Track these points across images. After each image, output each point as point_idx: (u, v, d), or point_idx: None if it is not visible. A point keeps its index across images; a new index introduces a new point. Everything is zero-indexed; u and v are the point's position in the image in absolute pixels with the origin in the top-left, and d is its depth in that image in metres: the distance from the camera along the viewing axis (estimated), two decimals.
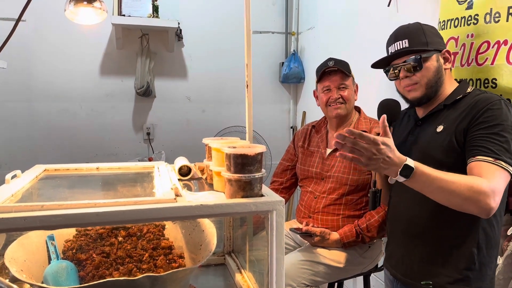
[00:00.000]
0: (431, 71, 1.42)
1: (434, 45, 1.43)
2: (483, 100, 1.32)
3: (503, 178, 1.22)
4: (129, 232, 1.34)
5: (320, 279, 1.84)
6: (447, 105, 1.41)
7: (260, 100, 3.50)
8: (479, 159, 1.24)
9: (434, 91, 1.43)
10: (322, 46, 3.14)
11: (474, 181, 1.20)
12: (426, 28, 1.46)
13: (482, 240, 1.34)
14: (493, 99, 1.31)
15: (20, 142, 3.07)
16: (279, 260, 1.01)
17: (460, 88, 1.43)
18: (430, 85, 1.42)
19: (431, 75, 1.42)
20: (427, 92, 1.43)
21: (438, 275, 1.37)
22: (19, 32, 2.76)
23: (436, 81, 1.43)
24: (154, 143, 3.37)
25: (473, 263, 1.34)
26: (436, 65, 1.42)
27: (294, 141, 2.23)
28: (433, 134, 1.40)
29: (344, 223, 1.91)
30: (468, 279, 1.34)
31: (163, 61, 3.31)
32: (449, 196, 1.21)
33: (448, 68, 1.46)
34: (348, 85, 1.97)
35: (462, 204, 1.21)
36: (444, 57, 1.45)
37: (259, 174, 1.02)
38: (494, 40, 1.47)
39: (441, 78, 1.44)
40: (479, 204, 1.18)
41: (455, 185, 1.19)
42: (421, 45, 1.42)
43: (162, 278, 1.01)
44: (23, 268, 1.08)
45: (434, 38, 1.45)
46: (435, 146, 1.38)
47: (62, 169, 1.43)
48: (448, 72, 1.47)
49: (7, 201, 0.96)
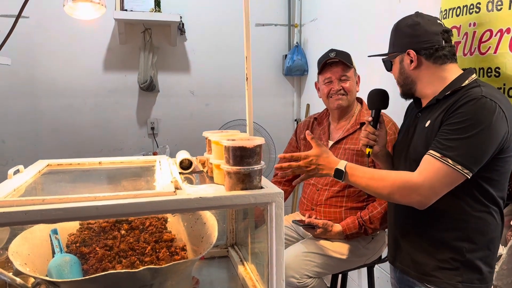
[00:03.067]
0: (396, 73, 1.51)
1: (399, 46, 1.46)
2: (465, 96, 1.28)
3: (443, 175, 1.24)
4: (132, 225, 1.35)
5: (323, 271, 1.85)
6: (439, 100, 1.39)
7: (264, 93, 3.50)
8: (429, 153, 1.28)
9: (409, 89, 1.49)
10: (325, 38, 3.13)
11: (401, 176, 1.32)
12: (402, 27, 1.46)
13: (473, 232, 1.33)
14: (473, 96, 1.26)
15: (25, 138, 3.10)
16: (279, 251, 1.02)
17: (456, 82, 1.38)
18: (400, 84, 1.51)
19: (397, 76, 1.51)
20: (404, 90, 1.51)
21: (427, 264, 1.39)
22: (22, 29, 2.81)
23: (403, 81, 1.48)
24: (158, 138, 3.38)
25: (462, 254, 1.33)
26: (399, 67, 1.48)
27: (296, 133, 2.23)
28: (423, 129, 1.40)
29: (347, 215, 1.91)
30: (457, 270, 1.34)
31: (166, 56, 3.31)
32: (376, 191, 1.36)
33: (412, 68, 1.43)
34: (350, 77, 1.96)
35: (391, 198, 1.35)
36: (410, 59, 1.43)
37: (258, 166, 1.03)
38: (497, 28, 1.45)
39: (409, 78, 1.46)
40: (406, 198, 1.30)
41: (382, 180, 1.33)
42: (390, 47, 1.52)
43: (163, 270, 1.02)
44: (27, 262, 1.10)
45: (403, 39, 1.45)
46: (422, 141, 1.38)
47: (65, 163, 1.45)
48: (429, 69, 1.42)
49: (9, 196, 0.98)
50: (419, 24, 1.42)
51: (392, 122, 1.88)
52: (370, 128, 1.55)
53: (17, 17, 1.13)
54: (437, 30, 1.40)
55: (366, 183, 1.36)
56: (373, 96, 1.59)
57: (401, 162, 1.51)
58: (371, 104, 1.59)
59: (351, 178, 1.37)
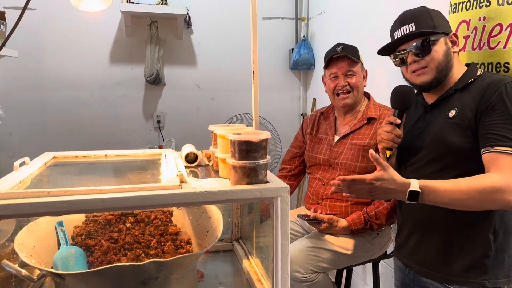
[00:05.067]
0: (441, 54, 1.38)
1: (442, 28, 1.40)
2: (496, 82, 1.28)
3: None
4: (137, 218, 1.36)
5: (327, 266, 1.84)
6: (458, 89, 1.38)
7: (270, 87, 3.48)
8: (497, 150, 1.21)
9: (444, 75, 1.40)
10: (332, 32, 3.10)
11: (484, 181, 1.20)
12: (432, 12, 1.43)
13: (498, 226, 1.31)
14: (506, 81, 1.27)
15: (32, 131, 3.11)
16: (284, 246, 1.01)
17: (470, 72, 1.40)
18: (440, 68, 1.39)
19: (441, 58, 1.38)
20: (437, 75, 1.40)
21: (454, 263, 1.36)
22: (29, 21, 2.82)
23: (446, 64, 1.40)
24: (164, 131, 3.39)
25: (490, 250, 1.31)
26: (445, 48, 1.39)
27: (303, 128, 2.22)
28: (446, 119, 1.37)
29: (353, 209, 1.90)
30: (484, 267, 1.32)
31: (172, 49, 3.31)
32: (463, 204, 1.23)
33: (456, 51, 1.43)
34: (356, 72, 1.95)
35: (480, 207, 1.23)
36: (452, 40, 1.42)
37: (264, 160, 1.02)
38: (507, 23, 1.43)
39: (451, 62, 1.41)
40: (497, 202, 1.19)
41: (466, 192, 1.20)
42: (428, 28, 1.39)
43: (168, 263, 1.02)
44: (33, 254, 1.11)
45: (440, 21, 1.42)
46: (449, 131, 1.35)
47: (71, 156, 1.45)
48: (456, 56, 1.44)
49: (15, 188, 0.98)
50: (440, 12, 1.43)
51: None
52: (397, 131, 1.42)
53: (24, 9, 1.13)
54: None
55: (449, 198, 1.22)
56: (397, 95, 1.46)
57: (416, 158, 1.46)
58: (400, 104, 1.44)
59: (428, 197, 1.23)
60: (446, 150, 1.34)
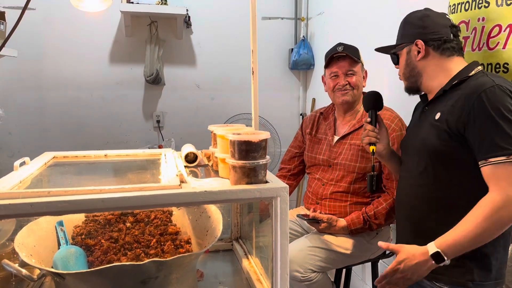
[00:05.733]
0: (402, 65, 1.50)
1: (408, 37, 1.46)
2: (477, 85, 1.26)
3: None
4: (137, 218, 1.36)
5: (327, 265, 1.85)
6: (446, 91, 1.38)
7: (269, 87, 3.48)
8: (492, 162, 1.20)
9: (414, 81, 1.48)
10: (332, 32, 3.10)
11: (485, 207, 1.19)
12: (411, 19, 1.47)
13: None
14: (486, 86, 1.24)
15: (31, 130, 3.11)
16: (283, 246, 1.02)
17: (463, 72, 1.38)
18: (406, 76, 1.50)
19: (403, 68, 1.50)
20: (409, 83, 1.50)
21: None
22: (29, 21, 2.81)
23: (409, 73, 1.48)
24: (164, 131, 3.39)
25: (475, 252, 1.29)
26: (405, 58, 1.48)
27: (302, 127, 2.22)
28: (432, 122, 1.38)
29: (352, 209, 1.91)
30: (468, 267, 1.32)
31: (172, 49, 3.31)
32: (484, 238, 1.22)
33: (419, 58, 1.43)
34: (356, 72, 1.95)
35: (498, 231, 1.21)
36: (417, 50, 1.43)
37: (264, 160, 1.02)
38: (506, 23, 1.43)
39: (415, 70, 1.46)
40: (505, 220, 1.19)
41: (476, 226, 1.19)
42: (398, 39, 1.50)
43: (168, 262, 1.02)
44: (33, 253, 1.11)
45: (412, 30, 1.45)
46: (432, 134, 1.36)
47: (71, 156, 1.45)
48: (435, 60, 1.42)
49: (15, 188, 0.98)
50: (428, 16, 1.43)
51: (398, 118, 1.87)
52: (369, 126, 1.58)
53: (24, 9, 1.13)
54: (446, 23, 1.42)
55: (469, 242, 1.21)
56: (367, 99, 1.65)
57: (409, 157, 1.50)
58: (366, 107, 1.64)
59: (451, 251, 1.22)
60: (427, 152, 1.36)
